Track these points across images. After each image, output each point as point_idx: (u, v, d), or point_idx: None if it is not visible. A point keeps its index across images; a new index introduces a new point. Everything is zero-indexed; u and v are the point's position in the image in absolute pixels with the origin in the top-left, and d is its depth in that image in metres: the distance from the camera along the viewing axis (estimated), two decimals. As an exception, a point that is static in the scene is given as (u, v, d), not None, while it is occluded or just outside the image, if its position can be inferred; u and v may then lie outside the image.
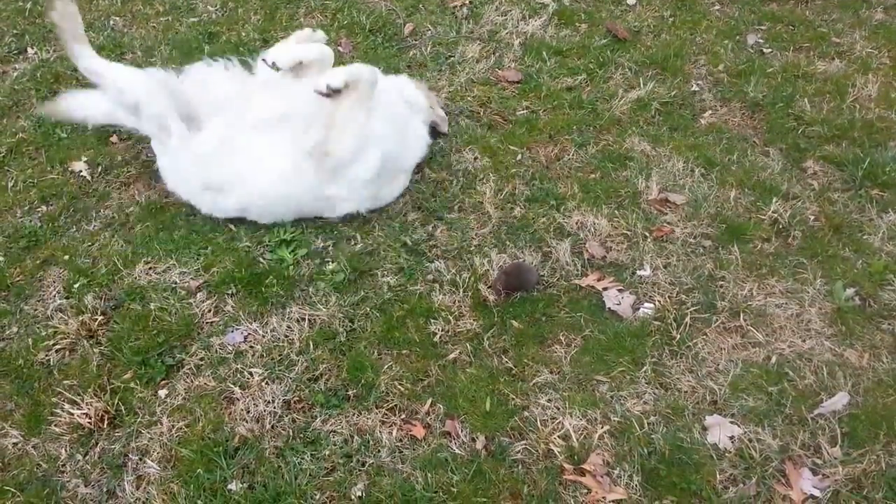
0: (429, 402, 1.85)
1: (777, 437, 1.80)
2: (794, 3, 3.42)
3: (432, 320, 2.03)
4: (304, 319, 2.02)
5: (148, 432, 1.77)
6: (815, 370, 1.95)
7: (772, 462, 1.76)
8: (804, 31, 3.22)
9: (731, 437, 1.80)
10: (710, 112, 2.80)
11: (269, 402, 1.83)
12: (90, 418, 1.77)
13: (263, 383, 1.87)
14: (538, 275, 2.15)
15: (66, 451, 1.74)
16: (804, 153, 2.62)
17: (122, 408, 1.81)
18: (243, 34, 3.09)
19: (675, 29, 3.22)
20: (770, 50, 3.11)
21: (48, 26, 3.13)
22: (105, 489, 1.68)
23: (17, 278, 2.11)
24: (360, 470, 1.72)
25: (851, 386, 1.91)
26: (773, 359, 1.98)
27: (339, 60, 2.84)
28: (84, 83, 2.39)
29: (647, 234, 2.30)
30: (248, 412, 1.81)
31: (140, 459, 1.72)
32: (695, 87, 2.90)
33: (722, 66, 3.00)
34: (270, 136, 2.13)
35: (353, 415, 1.82)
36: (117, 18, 3.19)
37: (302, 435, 1.78)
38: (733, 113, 2.80)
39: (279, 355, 1.94)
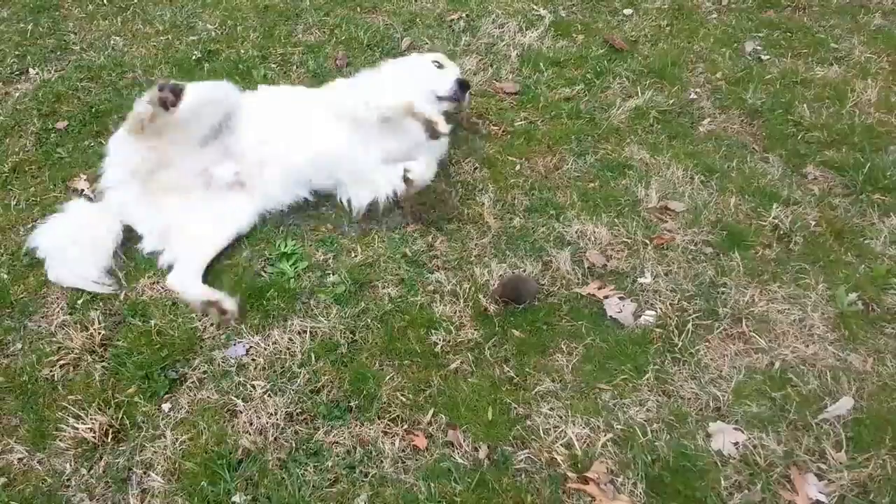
0: (431, 412, 1.91)
1: (781, 443, 1.86)
2: (791, 9, 3.54)
3: (433, 331, 2.10)
4: (305, 332, 2.09)
5: (152, 446, 1.84)
6: (819, 375, 2.01)
7: (777, 468, 1.81)
8: (802, 38, 3.33)
9: (736, 444, 1.86)
10: (708, 119, 2.90)
11: (271, 414, 1.90)
12: (95, 433, 1.84)
13: (266, 396, 1.94)
14: (538, 285, 2.22)
15: (70, 465, 1.81)
16: (804, 159, 2.71)
17: (126, 422, 1.89)
18: (242, 51, 3.22)
19: (672, 38, 3.34)
20: (768, 57, 3.22)
21: (49, 47, 3.27)
22: (110, 503, 1.74)
23: (21, 295, 2.20)
24: (362, 481, 1.78)
25: (855, 390, 1.97)
26: (777, 364, 2.04)
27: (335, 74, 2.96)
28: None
29: (648, 241, 2.38)
30: (251, 425, 1.88)
31: (144, 473, 1.79)
32: (693, 95, 3.00)
33: (720, 74, 3.10)
34: None
35: (356, 426, 1.89)
36: (118, 38, 3.33)
37: (305, 446, 1.84)
38: (732, 120, 2.90)
39: (281, 368, 2.01)
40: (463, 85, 2.59)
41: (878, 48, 3.24)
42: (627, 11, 3.51)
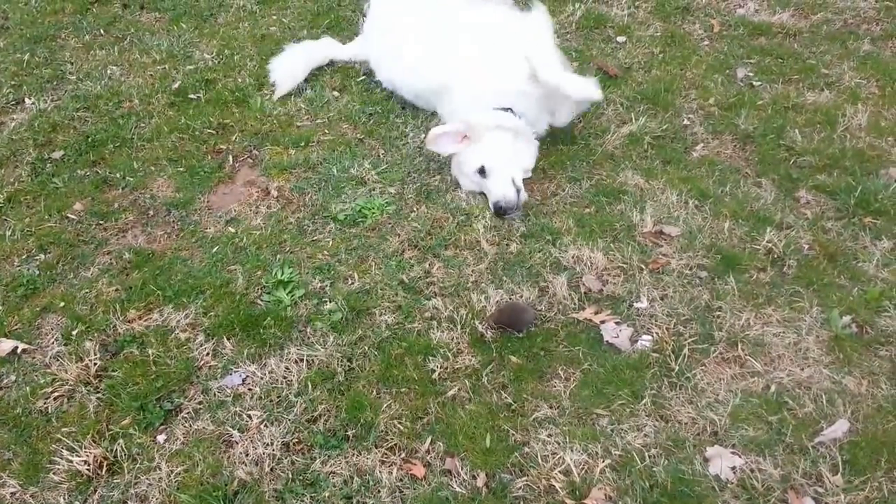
0: (428, 440, 1.98)
1: (778, 467, 1.93)
2: (782, 36, 3.72)
3: (430, 358, 2.18)
4: (302, 360, 2.17)
5: (147, 478, 1.89)
6: (815, 398, 2.09)
7: (774, 492, 1.87)
8: (793, 64, 3.50)
9: (733, 468, 1.92)
10: (701, 145, 3.03)
11: (267, 444, 1.96)
12: (89, 465, 1.89)
13: (262, 426, 2.01)
14: (534, 313, 2.31)
15: (64, 499, 1.86)
16: (796, 183, 2.83)
17: (121, 454, 1.94)
18: (239, 80, 3.36)
19: (665, 65, 3.50)
20: (760, 83, 3.38)
21: (45, 76, 3.41)
22: (104, 536, 1.79)
23: (16, 326, 2.28)
24: (360, 510, 1.84)
25: (851, 413, 2.04)
26: (772, 388, 2.12)
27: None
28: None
29: (643, 266, 2.48)
30: (247, 455, 1.94)
31: (139, 505, 1.84)
32: (686, 121, 3.15)
33: (713, 100, 3.25)
34: None
35: (353, 455, 1.95)
36: (114, 68, 3.48)
37: (301, 477, 1.90)
38: (725, 145, 3.03)
39: (277, 397, 2.08)
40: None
41: (867, 73, 3.41)
42: (621, 39, 3.68)
